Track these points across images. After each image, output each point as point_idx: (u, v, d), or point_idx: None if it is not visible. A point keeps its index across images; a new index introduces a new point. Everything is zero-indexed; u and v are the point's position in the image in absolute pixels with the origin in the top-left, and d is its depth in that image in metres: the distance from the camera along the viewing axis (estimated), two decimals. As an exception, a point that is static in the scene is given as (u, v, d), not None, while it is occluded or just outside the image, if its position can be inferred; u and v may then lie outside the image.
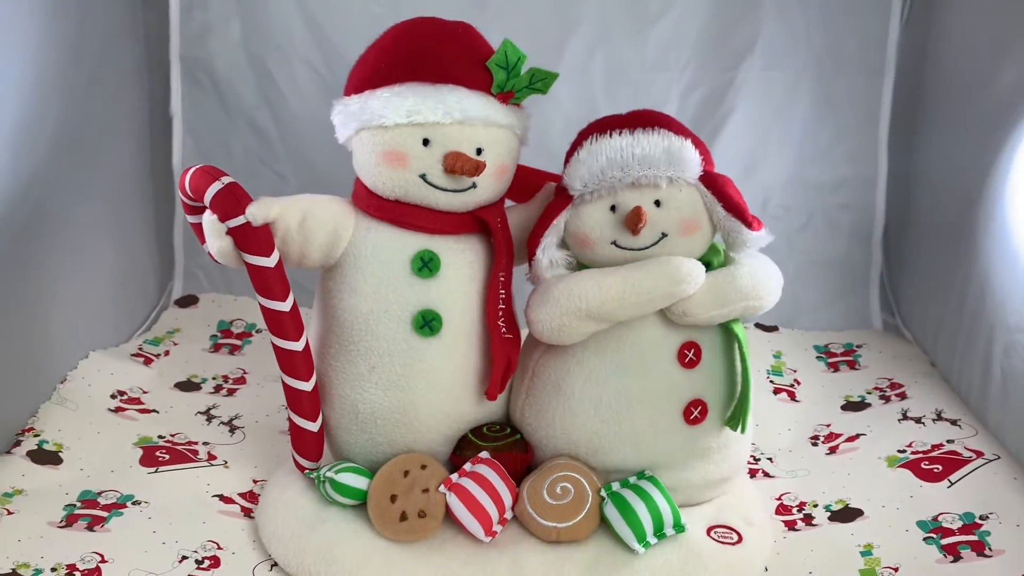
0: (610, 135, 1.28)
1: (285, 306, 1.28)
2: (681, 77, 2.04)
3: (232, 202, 1.24)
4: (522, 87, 1.31)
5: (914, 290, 2.01)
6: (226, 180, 1.26)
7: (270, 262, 1.26)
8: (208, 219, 1.26)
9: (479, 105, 1.28)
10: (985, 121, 1.69)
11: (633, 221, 1.26)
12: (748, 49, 2.03)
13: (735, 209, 1.29)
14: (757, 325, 2.04)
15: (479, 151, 1.29)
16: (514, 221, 1.39)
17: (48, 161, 1.62)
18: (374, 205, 1.32)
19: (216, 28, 2.04)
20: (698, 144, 1.31)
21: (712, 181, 1.30)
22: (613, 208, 1.29)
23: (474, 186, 1.30)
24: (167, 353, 1.90)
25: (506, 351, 1.34)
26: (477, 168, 1.26)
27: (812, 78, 2.03)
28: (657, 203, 1.29)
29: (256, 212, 1.24)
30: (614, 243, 1.30)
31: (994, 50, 1.68)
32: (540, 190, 1.45)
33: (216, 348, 1.94)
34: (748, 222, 1.29)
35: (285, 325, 1.29)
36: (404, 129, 1.27)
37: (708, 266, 1.32)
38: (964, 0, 1.83)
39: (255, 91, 2.07)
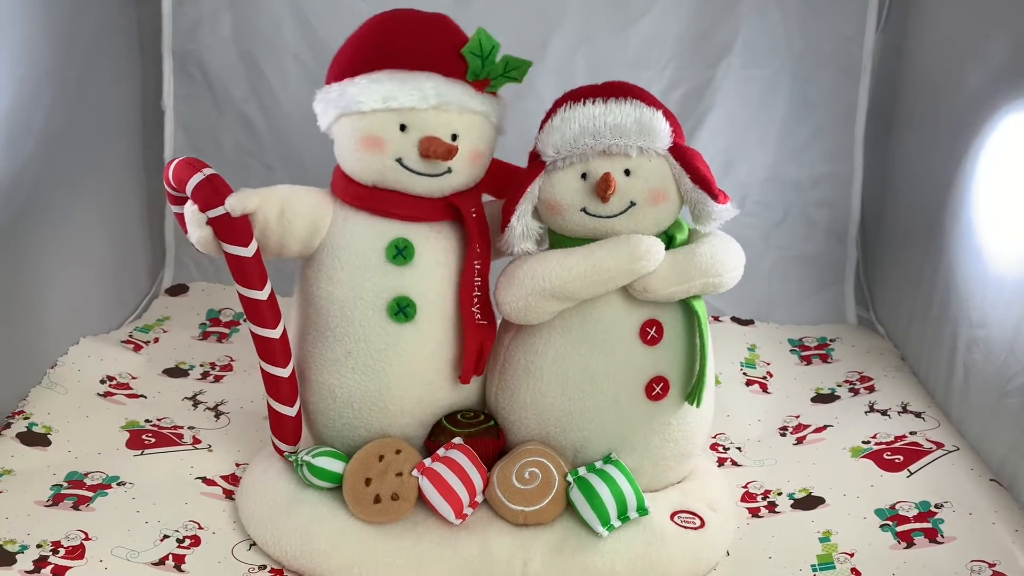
0: (584, 103, 1.32)
1: (262, 295, 1.33)
2: (662, 75, 2.08)
3: (212, 193, 1.28)
4: (497, 75, 1.34)
5: (888, 286, 2.05)
6: (207, 172, 1.30)
7: (248, 252, 1.31)
8: (190, 209, 1.30)
9: (454, 92, 1.32)
10: (955, 122, 1.73)
11: (603, 187, 1.29)
12: (727, 48, 2.07)
13: (702, 181, 1.33)
14: (733, 319, 2.09)
15: (454, 137, 1.33)
16: (492, 214, 1.43)
17: (40, 152, 1.67)
18: (351, 193, 1.36)
19: (207, 23, 2.09)
20: (669, 116, 1.34)
21: (681, 153, 1.34)
22: (584, 176, 1.33)
23: (449, 171, 1.34)
24: (156, 340, 1.94)
25: (479, 336, 1.38)
26: (450, 152, 1.30)
27: (790, 77, 2.08)
28: (627, 172, 1.32)
29: (235, 203, 1.28)
30: (584, 210, 1.33)
31: (964, 52, 1.72)
32: None
33: (205, 336, 1.99)
34: (714, 194, 1.33)
35: (263, 313, 1.33)
36: (381, 114, 1.31)
37: (672, 241, 1.36)
38: (939, 2, 1.87)
39: (245, 85, 2.12)
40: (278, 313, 1.35)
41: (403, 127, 1.31)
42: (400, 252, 1.35)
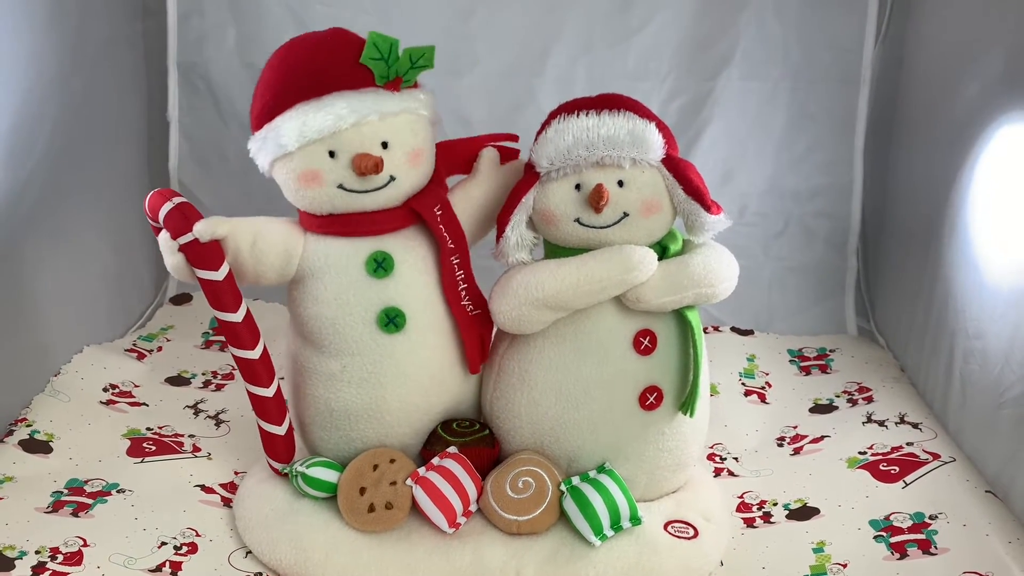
0: (577, 115, 1.33)
1: (237, 317, 1.34)
2: (661, 87, 2.09)
3: (181, 220, 1.30)
4: (406, 70, 1.33)
5: (888, 296, 2.05)
6: (177, 200, 1.32)
7: (219, 276, 1.31)
8: (162, 237, 1.32)
9: (369, 102, 1.30)
10: (953, 132, 1.73)
11: (595, 198, 1.30)
12: (727, 60, 2.08)
13: (695, 192, 1.33)
14: (733, 329, 2.09)
15: (385, 145, 1.32)
16: (463, 196, 1.43)
17: (46, 162, 1.69)
18: (315, 223, 1.37)
19: (212, 35, 2.11)
20: (662, 128, 1.35)
21: (674, 164, 1.34)
22: (578, 187, 1.34)
23: (392, 179, 1.34)
24: (160, 349, 1.96)
25: (476, 328, 1.40)
26: (377, 165, 1.30)
27: (789, 88, 2.08)
28: (620, 183, 1.33)
29: (203, 229, 1.29)
30: (577, 220, 1.34)
31: (962, 63, 1.73)
32: (479, 157, 1.46)
33: (207, 345, 2.01)
34: (707, 205, 1.33)
35: (240, 335, 1.34)
36: (307, 148, 1.30)
37: (665, 251, 1.37)
38: (938, 13, 1.88)
39: (249, 96, 2.12)
40: (256, 333, 1.36)
41: (332, 153, 1.31)
42: (380, 265, 1.36)
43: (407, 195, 1.36)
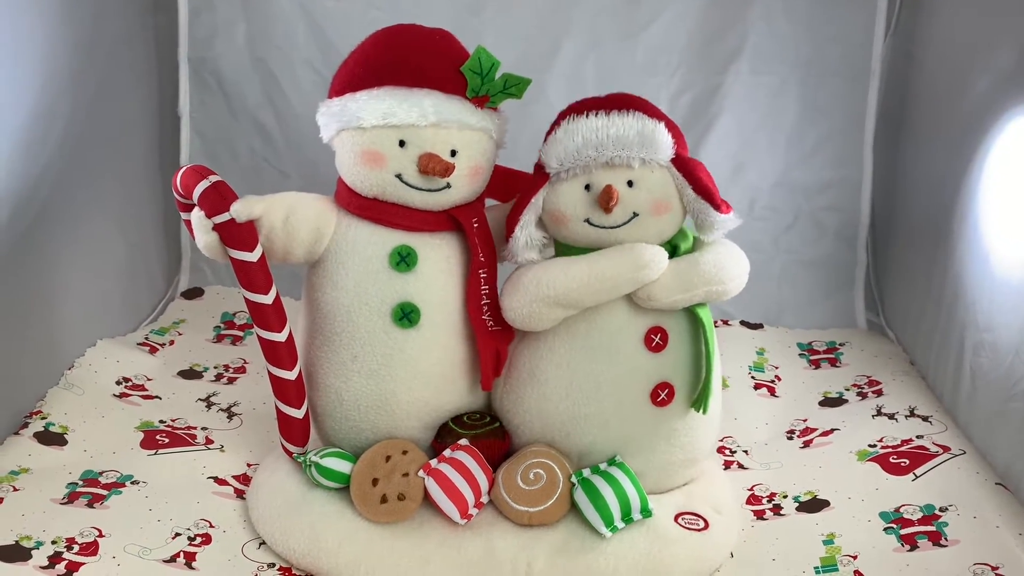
0: (587, 116, 1.34)
1: (267, 299, 1.35)
2: (670, 81, 2.10)
3: (218, 199, 1.31)
4: (496, 92, 1.37)
5: (897, 290, 2.05)
6: (213, 179, 1.33)
7: (253, 256, 1.33)
8: (196, 215, 1.33)
9: (454, 109, 1.34)
10: (963, 126, 1.73)
11: (605, 199, 1.31)
12: (736, 54, 2.08)
13: (704, 192, 1.34)
14: (742, 323, 2.09)
15: (453, 153, 1.35)
16: (495, 218, 1.45)
17: (59, 158, 1.70)
18: (354, 203, 1.39)
19: (223, 31, 2.13)
20: (671, 128, 1.36)
21: (683, 164, 1.35)
22: (588, 187, 1.34)
23: (448, 186, 1.36)
24: (172, 343, 1.98)
25: (493, 343, 1.40)
26: (447, 170, 1.33)
27: (799, 83, 2.09)
28: (630, 183, 1.34)
29: (240, 209, 1.31)
30: (587, 221, 1.35)
31: (972, 58, 1.73)
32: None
33: (219, 338, 2.02)
34: (716, 205, 1.34)
35: (268, 317, 1.36)
36: (381, 131, 1.33)
37: (676, 250, 1.38)
38: (948, 8, 1.88)
39: (259, 91, 2.15)
40: (283, 317, 1.37)
41: (402, 143, 1.33)
42: (403, 259, 1.37)
43: (453, 204, 1.39)
